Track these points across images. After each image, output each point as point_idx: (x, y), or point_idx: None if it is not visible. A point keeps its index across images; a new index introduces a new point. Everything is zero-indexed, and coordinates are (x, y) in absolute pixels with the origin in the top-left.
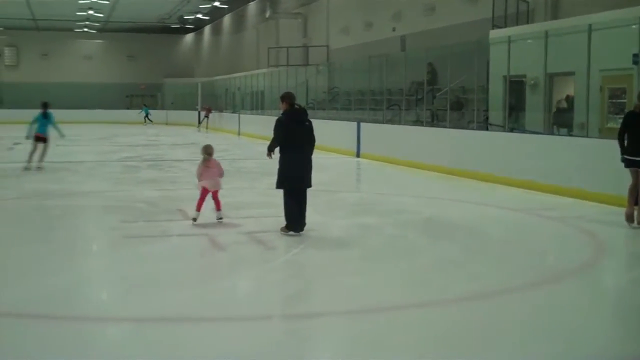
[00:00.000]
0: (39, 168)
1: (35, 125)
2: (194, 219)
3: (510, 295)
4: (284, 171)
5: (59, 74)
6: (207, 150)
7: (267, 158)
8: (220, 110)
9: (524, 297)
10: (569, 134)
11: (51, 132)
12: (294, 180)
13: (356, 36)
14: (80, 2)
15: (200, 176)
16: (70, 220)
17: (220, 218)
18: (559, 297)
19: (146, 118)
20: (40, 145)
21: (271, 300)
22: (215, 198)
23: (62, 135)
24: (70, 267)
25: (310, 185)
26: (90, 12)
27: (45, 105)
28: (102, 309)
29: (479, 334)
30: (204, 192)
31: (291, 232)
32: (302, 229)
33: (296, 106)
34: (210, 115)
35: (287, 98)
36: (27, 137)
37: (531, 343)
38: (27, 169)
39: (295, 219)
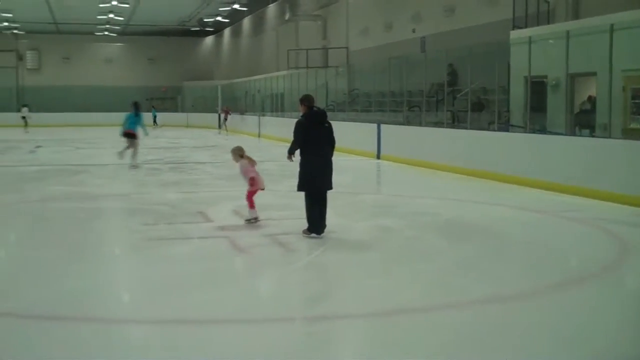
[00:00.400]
0: (134, 166)
1: (126, 124)
2: (256, 219)
3: (531, 298)
4: (305, 173)
5: (80, 77)
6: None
7: (288, 161)
8: (242, 113)
9: (545, 300)
10: (591, 134)
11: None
12: (315, 183)
13: (376, 38)
14: (101, 5)
15: (252, 173)
16: (92, 222)
17: (256, 218)
18: (580, 300)
19: (154, 121)
20: (132, 142)
21: (292, 302)
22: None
23: (146, 134)
24: (91, 269)
25: (330, 187)
26: (111, 15)
27: (136, 106)
28: (124, 311)
29: (499, 336)
30: (256, 192)
31: (313, 235)
32: (322, 231)
33: (315, 108)
34: (229, 116)
35: (306, 100)
36: (121, 136)
37: (551, 346)
38: (131, 164)
39: (316, 222)
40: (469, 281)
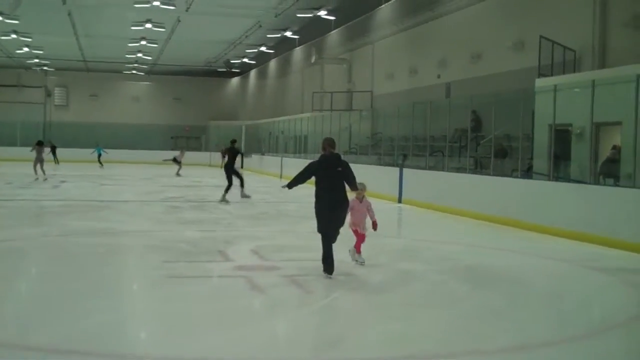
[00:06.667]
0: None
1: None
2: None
3: (553, 348)
4: (316, 215)
5: (106, 114)
6: None
7: (283, 188)
8: (262, 153)
9: (567, 350)
10: (616, 184)
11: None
12: (324, 224)
13: (401, 82)
14: (129, 45)
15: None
16: (112, 258)
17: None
18: (602, 352)
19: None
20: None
21: (308, 344)
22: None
23: None
24: (110, 305)
25: (341, 225)
26: (139, 55)
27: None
28: (141, 348)
29: None
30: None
31: (327, 274)
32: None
33: (330, 152)
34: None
35: (324, 143)
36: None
37: None
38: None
39: (328, 262)
40: (492, 329)
